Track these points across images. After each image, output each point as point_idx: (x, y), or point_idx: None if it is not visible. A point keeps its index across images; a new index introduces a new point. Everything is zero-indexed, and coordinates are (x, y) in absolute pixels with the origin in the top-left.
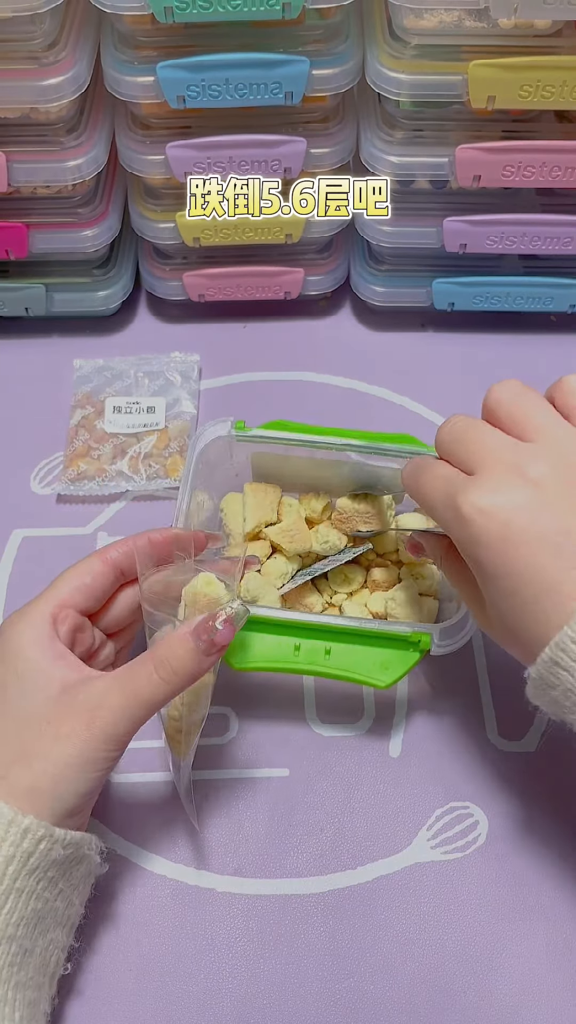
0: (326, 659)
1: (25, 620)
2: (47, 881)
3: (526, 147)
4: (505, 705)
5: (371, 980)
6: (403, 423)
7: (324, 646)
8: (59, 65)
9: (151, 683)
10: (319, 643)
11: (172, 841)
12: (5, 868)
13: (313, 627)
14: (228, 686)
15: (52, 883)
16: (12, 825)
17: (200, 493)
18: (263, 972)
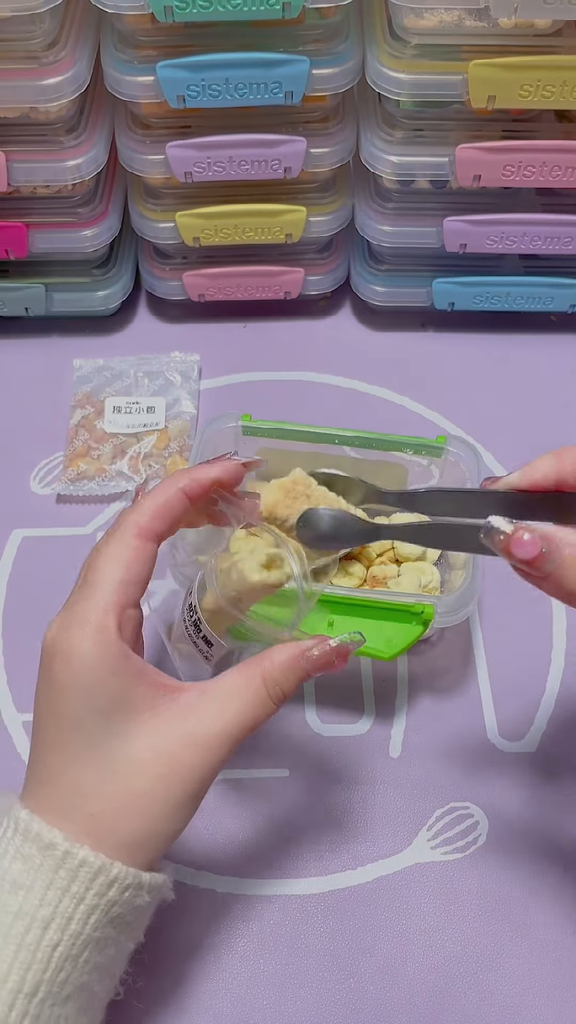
0: (328, 631)
1: (90, 638)
2: (124, 925)
3: (526, 147)
4: (505, 705)
5: (371, 980)
6: (403, 423)
7: (327, 618)
8: (59, 65)
9: (265, 709)
10: (321, 615)
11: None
12: (87, 918)
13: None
14: None
15: (129, 927)
16: (100, 875)
17: None
18: (263, 972)
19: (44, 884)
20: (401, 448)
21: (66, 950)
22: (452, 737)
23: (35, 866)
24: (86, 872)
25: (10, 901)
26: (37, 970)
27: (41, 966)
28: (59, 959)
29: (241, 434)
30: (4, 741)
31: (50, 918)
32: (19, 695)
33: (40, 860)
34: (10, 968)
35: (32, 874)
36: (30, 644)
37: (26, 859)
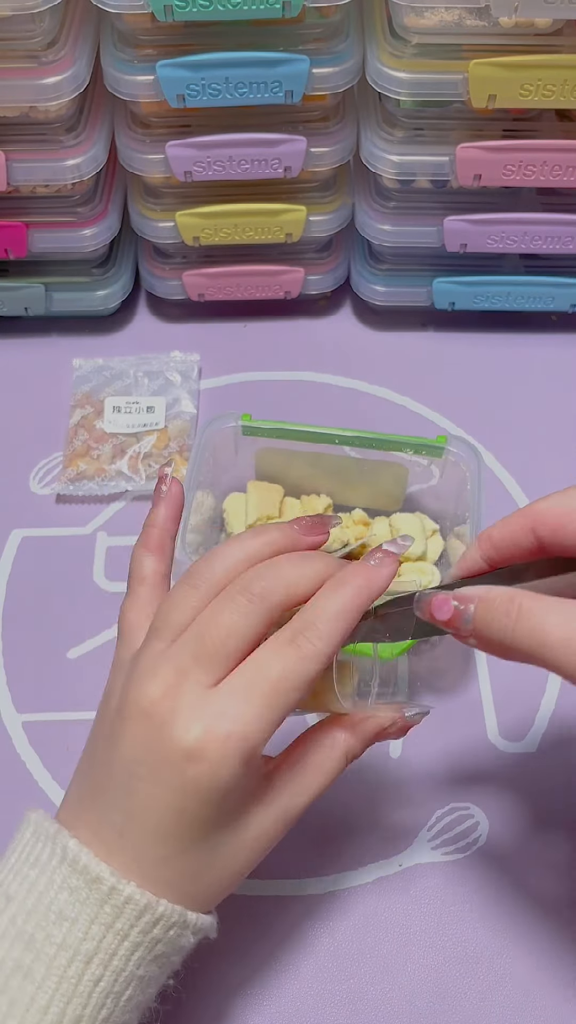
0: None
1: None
2: (167, 963)
3: (527, 146)
4: (505, 705)
5: (371, 981)
6: (404, 423)
7: None
8: (58, 64)
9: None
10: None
11: None
12: (131, 955)
13: None
14: None
15: (172, 965)
16: (145, 912)
17: (201, 492)
18: (263, 972)
19: (89, 918)
20: (401, 448)
21: (108, 986)
22: (452, 737)
23: (81, 899)
24: (132, 909)
25: (55, 932)
26: (78, 1004)
27: (82, 1000)
28: (100, 995)
29: (241, 434)
30: (4, 742)
31: (93, 952)
32: (19, 695)
33: (87, 893)
34: (51, 1000)
35: (78, 907)
36: (30, 644)
37: (72, 891)
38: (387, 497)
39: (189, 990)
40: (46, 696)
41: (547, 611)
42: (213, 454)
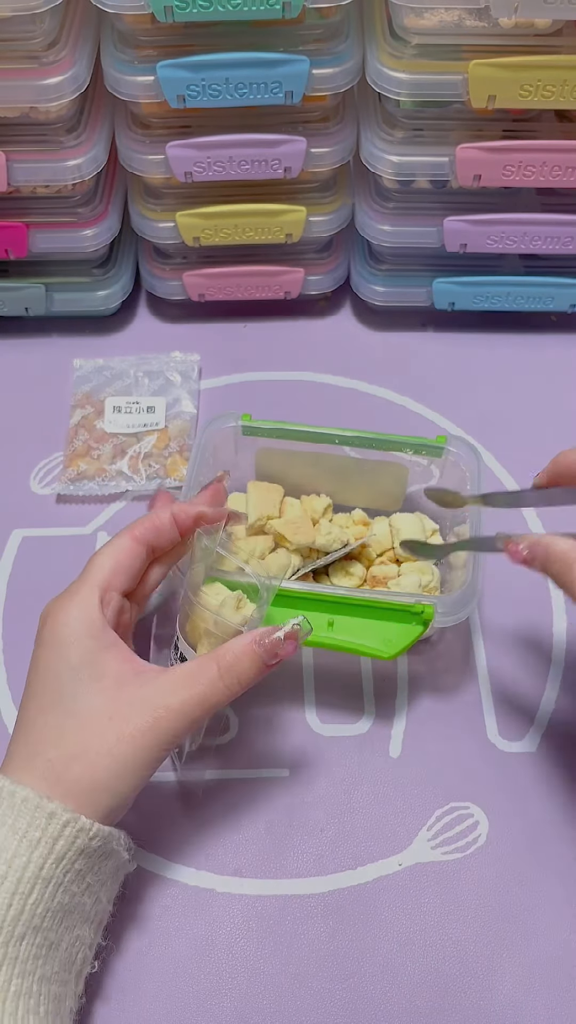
0: (329, 631)
1: (75, 605)
2: (74, 873)
3: (526, 146)
4: (505, 705)
5: (371, 980)
6: (404, 423)
7: (327, 618)
8: (59, 64)
9: (215, 690)
10: (322, 615)
11: (172, 841)
12: (30, 854)
13: (316, 598)
14: None
15: (79, 876)
16: (38, 811)
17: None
18: (263, 972)
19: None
20: (401, 448)
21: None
22: (452, 737)
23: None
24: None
25: None
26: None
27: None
28: (6, 893)
29: (241, 434)
30: (4, 741)
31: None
32: (19, 694)
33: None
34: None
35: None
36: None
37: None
38: (387, 497)
39: (189, 989)
40: None
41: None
42: (213, 454)
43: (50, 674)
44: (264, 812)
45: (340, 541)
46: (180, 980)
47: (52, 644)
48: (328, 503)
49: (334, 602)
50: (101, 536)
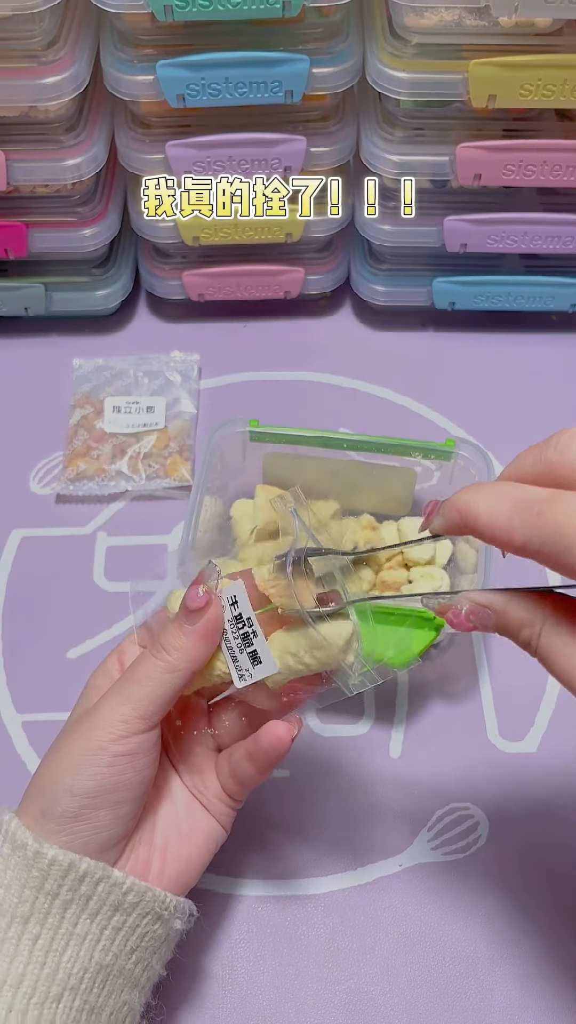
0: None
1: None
2: (112, 930)
3: (527, 146)
4: (505, 705)
5: (371, 981)
6: (404, 423)
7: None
8: (58, 64)
9: (144, 662)
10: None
11: None
12: (64, 912)
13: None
14: None
15: (117, 932)
16: (71, 871)
17: (209, 498)
18: (263, 972)
19: (20, 883)
20: (410, 452)
21: (47, 943)
22: (452, 737)
23: (11, 865)
24: (57, 870)
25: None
26: (20, 962)
27: (23, 958)
28: (40, 952)
29: (249, 440)
30: (4, 742)
31: (29, 914)
32: (19, 696)
33: (15, 860)
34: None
35: (9, 873)
36: (30, 644)
37: (4, 859)
38: (395, 501)
39: (189, 989)
40: (46, 696)
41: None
42: (221, 459)
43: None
44: (264, 812)
45: (351, 542)
46: (180, 980)
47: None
48: (336, 507)
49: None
50: (101, 536)
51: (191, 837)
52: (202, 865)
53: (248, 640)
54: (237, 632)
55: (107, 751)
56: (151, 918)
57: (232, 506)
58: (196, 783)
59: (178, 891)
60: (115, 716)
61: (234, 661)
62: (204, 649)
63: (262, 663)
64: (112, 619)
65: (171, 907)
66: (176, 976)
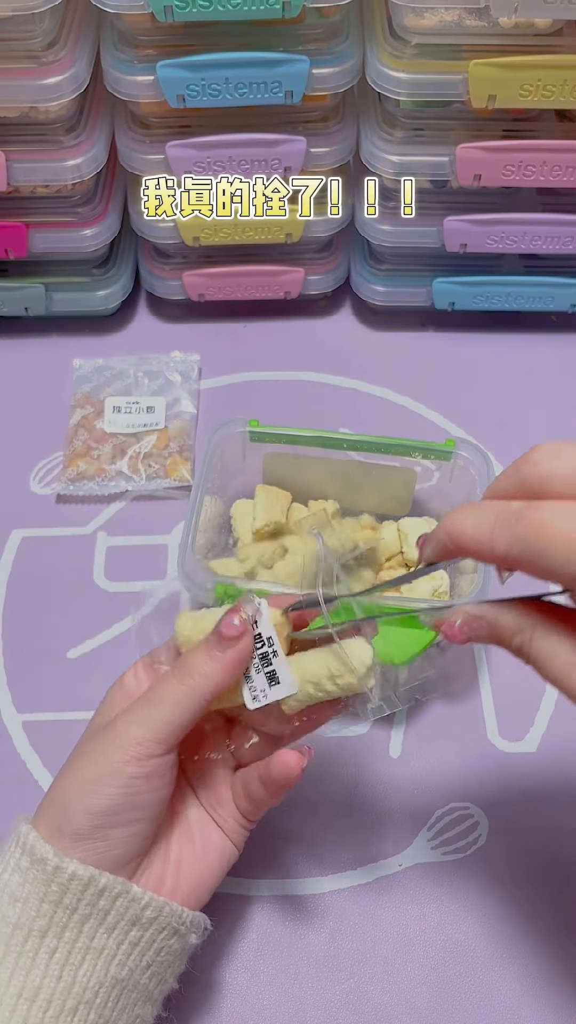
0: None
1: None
2: (129, 945)
3: (527, 146)
4: (505, 705)
5: (371, 980)
6: (403, 423)
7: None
8: (58, 64)
9: (166, 684)
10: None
11: None
12: (81, 926)
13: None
14: None
15: (134, 947)
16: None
17: (209, 498)
18: (263, 972)
19: (39, 897)
20: (409, 452)
21: (63, 957)
22: (452, 737)
23: (30, 879)
24: (76, 884)
25: (9, 912)
26: (36, 975)
27: (40, 971)
28: (57, 966)
29: (249, 440)
30: (4, 742)
31: (46, 928)
32: (19, 695)
33: (34, 874)
34: (11, 974)
35: (28, 887)
36: (30, 644)
37: (23, 872)
38: (395, 501)
39: (189, 989)
40: (46, 696)
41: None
42: (221, 459)
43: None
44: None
45: (352, 541)
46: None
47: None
48: (336, 508)
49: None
50: (101, 536)
51: (204, 855)
52: (214, 883)
53: (267, 660)
54: (256, 652)
55: (123, 773)
56: (168, 933)
57: (232, 506)
58: (211, 802)
59: (191, 907)
60: (132, 738)
61: (248, 682)
62: (230, 677)
63: (280, 683)
64: (112, 619)
65: (188, 922)
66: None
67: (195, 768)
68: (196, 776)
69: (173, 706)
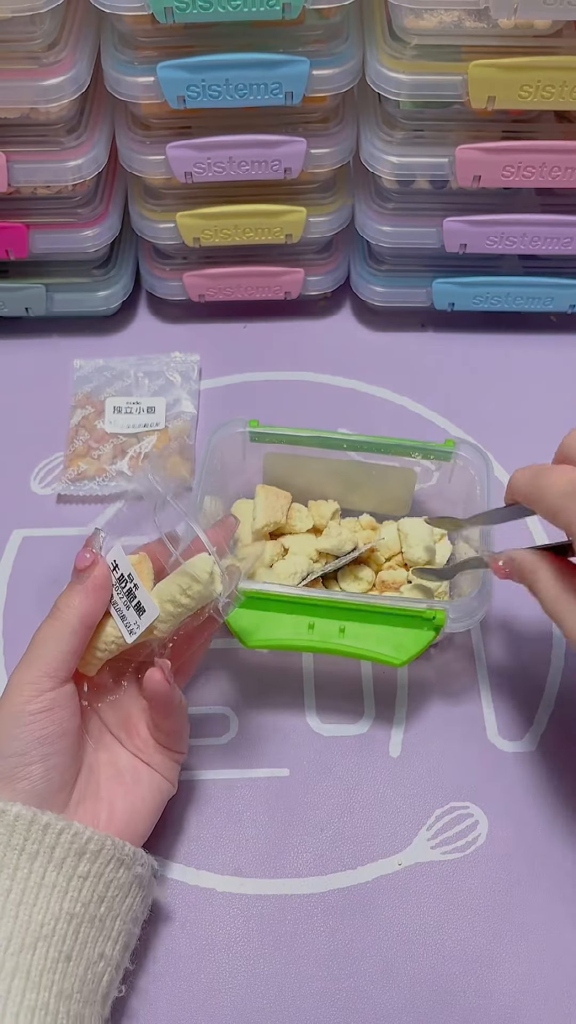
0: (340, 637)
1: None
2: (79, 879)
3: (526, 147)
4: (505, 705)
5: (371, 980)
6: (403, 423)
7: (338, 625)
8: (59, 65)
9: (43, 626)
10: (333, 622)
11: (172, 841)
12: (31, 865)
13: (327, 605)
14: (228, 686)
15: (84, 881)
16: (33, 823)
17: (210, 498)
18: (263, 972)
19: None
20: (409, 452)
21: (18, 896)
22: (452, 737)
23: None
24: (21, 823)
25: None
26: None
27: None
28: (12, 904)
29: (249, 440)
30: None
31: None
32: None
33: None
34: None
35: None
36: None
37: None
38: (395, 501)
39: (189, 989)
40: None
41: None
42: (221, 460)
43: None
44: (264, 812)
45: (351, 542)
46: (180, 980)
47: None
48: (336, 507)
49: (345, 608)
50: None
51: (135, 790)
52: (149, 815)
53: (132, 595)
54: (122, 591)
55: (24, 712)
56: (114, 864)
57: (232, 506)
58: (137, 745)
59: (130, 839)
60: (25, 680)
61: (123, 620)
62: (95, 603)
63: (146, 611)
64: None
65: (130, 853)
66: (176, 976)
67: (114, 715)
68: (116, 724)
69: (51, 641)
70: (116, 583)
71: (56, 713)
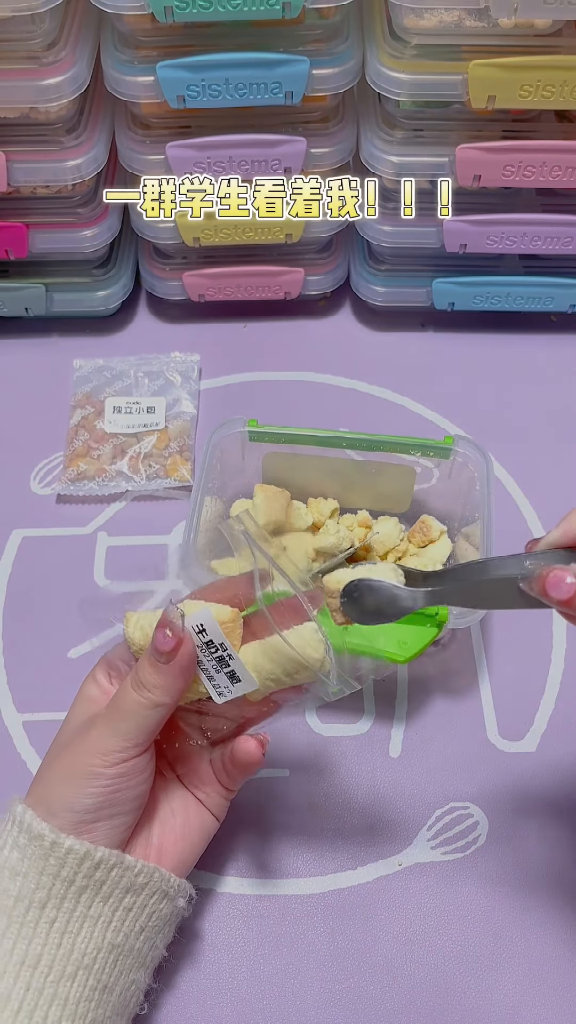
0: (343, 634)
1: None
2: (124, 911)
3: (526, 147)
4: (505, 705)
5: (371, 980)
6: (403, 423)
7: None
8: (59, 65)
9: (128, 697)
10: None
11: None
12: (79, 896)
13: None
14: None
15: (128, 913)
16: (86, 859)
17: (210, 498)
18: (263, 972)
19: (37, 871)
20: (408, 450)
21: (63, 926)
22: (452, 737)
23: (28, 855)
24: (73, 858)
25: (10, 886)
26: (37, 944)
27: (41, 940)
28: (57, 934)
29: (248, 439)
30: (4, 741)
31: (46, 899)
32: (19, 695)
33: (32, 850)
34: (14, 944)
35: (27, 862)
36: (30, 644)
37: (21, 849)
38: (394, 499)
39: (189, 989)
40: (46, 696)
41: None
42: (221, 459)
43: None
44: (264, 812)
45: (348, 540)
46: (180, 980)
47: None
48: (335, 506)
49: None
50: (101, 536)
51: (186, 835)
52: (195, 856)
53: (224, 663)
54: (211, 656)
55: (103, 775)
56: (158, 897)
57: (232, 506)
58: (194, 781)
59: (176, 872)
60: (108, 746)
61: (211, 680)
62: (182, 683)
63: (241, 681)
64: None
65: (176, 886)
66: (176, 976)
67: (175, 755)
68: (177, 762)
69: (138, 717)
70: (203, 646)
71: (133, 779)
